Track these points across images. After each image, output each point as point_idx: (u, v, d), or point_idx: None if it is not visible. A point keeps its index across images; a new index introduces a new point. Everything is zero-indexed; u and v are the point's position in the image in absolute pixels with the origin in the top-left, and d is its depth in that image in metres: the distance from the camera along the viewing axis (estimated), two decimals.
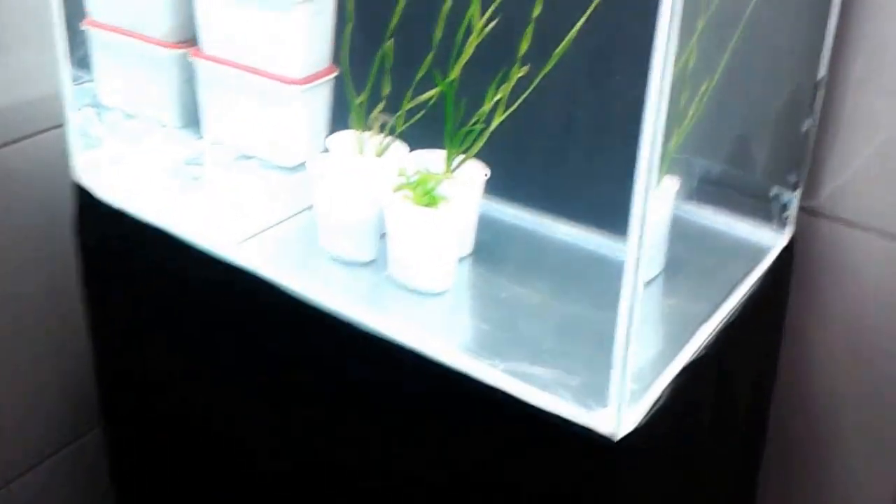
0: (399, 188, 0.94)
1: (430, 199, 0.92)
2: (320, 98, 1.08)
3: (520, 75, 0.93)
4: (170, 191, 1.07)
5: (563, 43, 0.89)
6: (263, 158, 1.11)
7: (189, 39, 1.11)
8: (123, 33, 1.14)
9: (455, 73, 0.94)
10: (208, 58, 1.09)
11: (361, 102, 0.99)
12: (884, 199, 1.08)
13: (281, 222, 1.04)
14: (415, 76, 0.97)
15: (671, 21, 0.70)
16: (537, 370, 0.86)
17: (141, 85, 1.15)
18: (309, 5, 1.02)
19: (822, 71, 1.04)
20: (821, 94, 1.06)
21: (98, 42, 1.17)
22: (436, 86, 0.96)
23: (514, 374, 0.85)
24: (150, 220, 1.03)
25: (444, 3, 0.93)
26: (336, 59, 1.08)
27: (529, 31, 0.90)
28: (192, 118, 1.15)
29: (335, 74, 1.08)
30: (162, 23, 1.11)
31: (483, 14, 0.92)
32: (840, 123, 1.08)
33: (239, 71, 1.07)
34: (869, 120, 1.06)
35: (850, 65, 1.05)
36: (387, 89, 0.97)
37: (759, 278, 1.03)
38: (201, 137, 1.14)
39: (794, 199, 1.09)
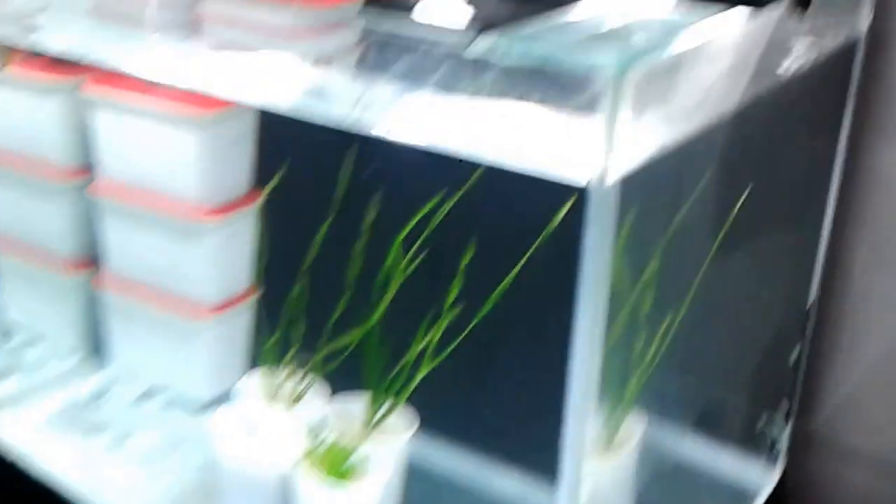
0: (309, 455, 0.81)
1: (342, 471, 0.79)
2: (236, 324, 0.96)
3: (449, 320, 0.81)
4: (68, 439, 0.94)
5: (498, 290, 0.78)
6: (173, 391, 0.99)
7: (95, 259, 1.00)
8: (23, 253, 1.03)
9: (377, 316, 0.83)
10: (114, 283, 0.98)
11: (273, 343, 0.87)
12: (882, 425, 0.95)
13: (181, 480, 0.90)
14: (335, 311, 0.85)
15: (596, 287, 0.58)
16: None
17: (45, 309, 1.04)
18: (222, 231, 0.91)
19: (812, 297, 0.93)
20: (811, 320, 0.94)
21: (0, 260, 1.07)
22: (360, 322, 0.84)
23: None
24: (45, 475, 0.90)
25: (359, 239, 0.83)
26: (260, 278, 0.97)
27: (458, 281, 0.79)
28: (100, 344, 1.03)
29: (255, 297, 0.97)
30: (64, 242, 1.00)
31: (407, 254, 0.81)
32: (832, 348, 0.96)
33: (147, 299, 0.96)
34: (864, 344, 0.95)
35: (843, 288, 0.94)
36: (300, 330, 0.86)
37: None
38: (108, 366, 1.02)
39: (784, 431, 0.97)
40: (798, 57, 0.70)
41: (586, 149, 0.55)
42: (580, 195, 0.57)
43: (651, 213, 0.69)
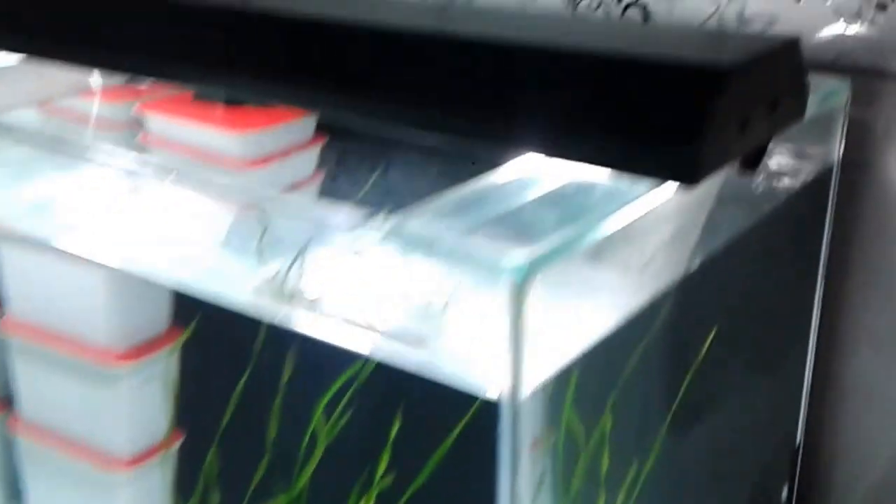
0: None
1: None
2: (155, 476, 0.87)
3: (380, 491, 0.72)
4: None
5: (428, 465, 0.68)
6: None
7: (10, 400, 0.91)
8: None
9: (300, 484, 0.73)
10: (27, 429, 0.88)
11: None
12: None
13: None
14: (254, 477, 0.76)
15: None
16: None
17: None
18: (137, 376, 0.82)
19: (799, 436, 0.83)
20: (799, 460, 0.84)
21: None
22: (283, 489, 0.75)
23: None
24: None
25: (275, 398, 0.73)
26: (182, 423, 0.87)
27: (386, 454, 0.69)
28: (18, 491, 0.93)
29: (176, 447, 0.87)
30: None
31: (331, 416, 0.72)
32: (822, 487, 0.86)
33: (60, 447, 0.86)
34: (855, 482, 0.85)
35: (832, 426, 0.84)
36: (216, 497, 0.77)
37: None
38: None
39: None
40: (758, 206, 0.61)
41: (494, 359, 0.46)
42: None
43: (597, 380, 0.60)
